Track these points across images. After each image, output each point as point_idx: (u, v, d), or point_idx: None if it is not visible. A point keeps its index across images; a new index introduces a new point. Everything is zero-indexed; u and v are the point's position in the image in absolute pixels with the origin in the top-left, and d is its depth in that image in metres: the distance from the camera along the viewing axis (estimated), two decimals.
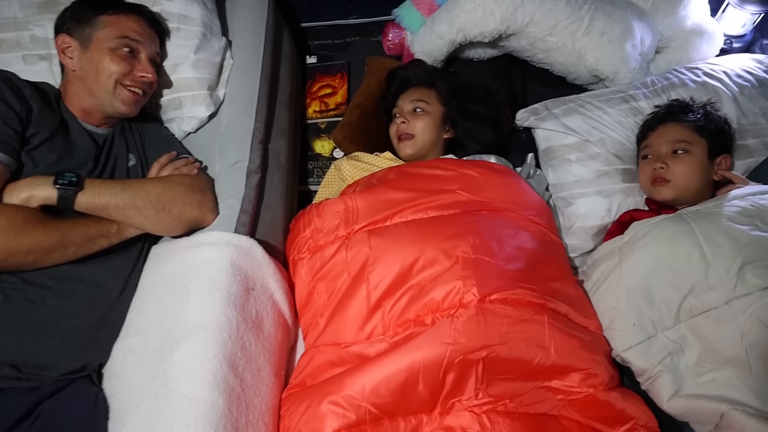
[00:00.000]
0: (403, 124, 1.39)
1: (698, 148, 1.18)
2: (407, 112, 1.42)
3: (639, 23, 1.48)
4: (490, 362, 0.95)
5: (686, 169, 1.17)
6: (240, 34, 1.40)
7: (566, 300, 1.07)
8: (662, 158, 1.20)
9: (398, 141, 1.41)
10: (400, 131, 1.40)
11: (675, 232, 1.04)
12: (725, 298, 0.94)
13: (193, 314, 0.97)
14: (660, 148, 1.22)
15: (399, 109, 1.44)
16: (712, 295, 0.96)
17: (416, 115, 1.40)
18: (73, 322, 0.98)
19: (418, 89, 1.46)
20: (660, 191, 1.20)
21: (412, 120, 1.39)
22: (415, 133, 1.38)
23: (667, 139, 1.21)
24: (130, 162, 1.17)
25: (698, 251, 0.99)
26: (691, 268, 0.99)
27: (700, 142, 1.19)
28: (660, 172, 1.19)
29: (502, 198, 1.21)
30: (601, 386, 0.98)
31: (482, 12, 1.45)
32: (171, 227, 1.08)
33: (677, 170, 1.17)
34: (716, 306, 0.95)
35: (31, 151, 1.00)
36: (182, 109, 1.27)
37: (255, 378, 1.00)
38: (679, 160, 1.18)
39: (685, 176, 1.17)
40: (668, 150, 1.20)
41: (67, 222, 0.97)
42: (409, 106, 1.42)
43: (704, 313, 0.97)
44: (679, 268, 1.00)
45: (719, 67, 1.42)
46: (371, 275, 1.06)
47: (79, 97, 1.11)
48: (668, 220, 1.07)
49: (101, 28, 1.10)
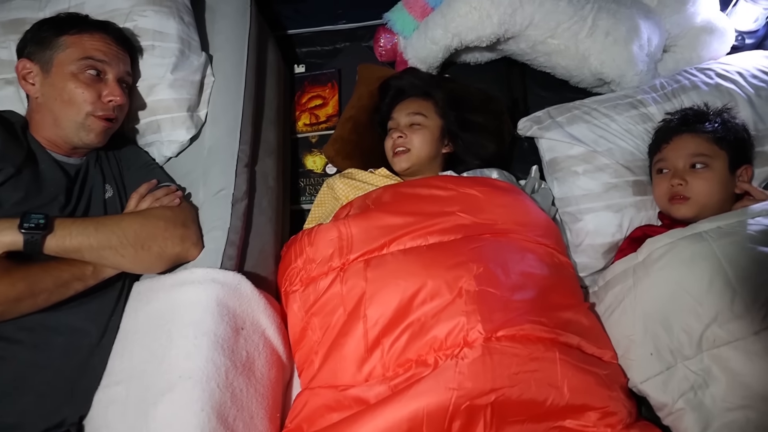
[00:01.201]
0: (399, 138, 1.32)
1: (718, 161, 1.10)
2: (403, 126, 1.34)
3: (645, 22, 1.39)
4: (500, 406, 0.88)
5: (707, 185, 1.09)
6: (221, 48, 1.31)
7: (578, 330, 1.00)
8: (680, 174, 1.12)
9: (393, 155, 1.34)
10: (396, 146, 1.33)
11: (694, 254, 0.96)
12: (754, 329, 0.87)
13: (177, 362, 0.91)
14: (677, 162, 1.13)
15: (395, 123, 1.37)
16: (738, 325, 0.89)
17: (413, 129, 1.33)
18: (47, 377, 0.91)
19: (414, 100, 1.38)
20: (679, 209, 1.12)
21: (408, 134, 1.32)
22: (411, 148, 1.31)
23: (684, 153, 1.13)
24: (107, 194, 1.10)
25: (722, 277, 0.91)
26: (715, 295, 0.91)
27: (720, 155, 1.10)
28: (678, 189, 1.11)
29: (507, 219, 1.13)
30: (620, 425, 0.92)
31: (479, 15, 1.37)
32: (152, 265, 1.01)
33: (697, 187, 1.09)
34: (744, 337, 0.88)
35: None
36: (161, 133, 1.19)
37: (247, 426, 0.94)
38: (699, 176, 1.10)
39: (705, 193, 1.09)
40: (686, 164, 1.12)
41: (35, 268, 0.89)
42: (406, 119, 1.35)
43: (730, 343, 0.90)
44: (700, 294, 0.93)
45: (733, 68, 1.33)
46: (368, 311, 0.99)
47: (44, 126, 1.03)
48: (686, 239, 0.99)
49: (63, 49, 1.02)
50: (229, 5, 1.37)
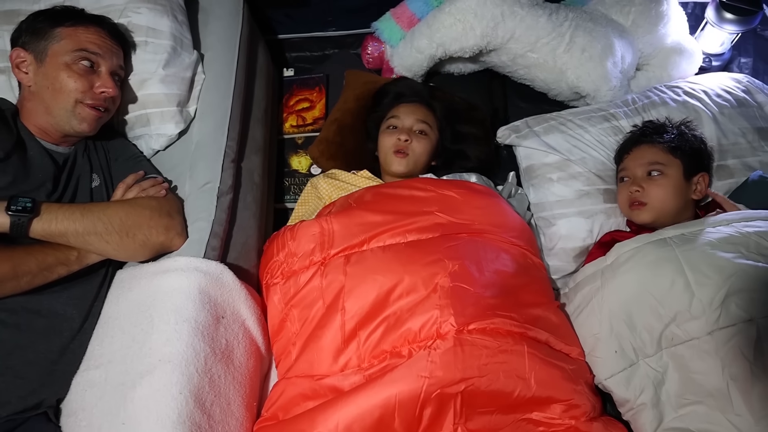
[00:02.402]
0: (406, 141, 1.32)
1: (673, 169, 1.18)
2: (408, 128, 1.35)
3: (619, 41, 1.47)
4: (469, 396, 0.91)
5: (662, 191, 1.16)
6: (212, 48, 1.35)
7: (547, 327, 1.04)
8: (638, 181, 1.19)
9: (394, 153, 1.33)
10: (399, 146, 1.32)
11: (658, 258, 1.02)
12: (708, 329, 0.92)
13: (157, 347, 0.92)
14: (636, 170, 1.21)
15: (399, 121, 1.36)
16: (694, 325, 0.94)
17: (418, 136, 1.35)
18: (27, 357, 0.92)
19: (420, 107, 1.40)
20: (639, 215, 1.19)
21: (413, 139, 1.33)
22: (411, 153, 1.33)
23: (641, 162, 1.20)
24: (93, 183, 1.12)
25: (682, 280, 0.96)
26: (675, 297, 0.97)
27: (674, 163, 1.18)
28: (636, 195, 1.18)
29: (483, 220, 1.18)
30: (583, 417, 0.95)
31: (462, 27, 1.43)
32: (135, 253, 1.03)
33: (653, 193, 1.17)
34: (698, 336, 0.93)
35: None
36: (150, 126, 1.22)
37: (224, 412, 0.95)
38: (655, 183, 1.17)
39: (661, 198, 1.16)
40: (643, 173, 1.19)
41: (20, 250, 0.91)
42: (413, 123, 1.36)
43: (686, 342, 0.95)
44: (662, 295, 0.98)
45: (699, 86, 1.41)
46: (346, 304, 1.02)
47: (35, 114, 1.05)
48: (652, 244, 1.05)
49: (57, 41, 1.04)
50: (222, 7, 1.41)
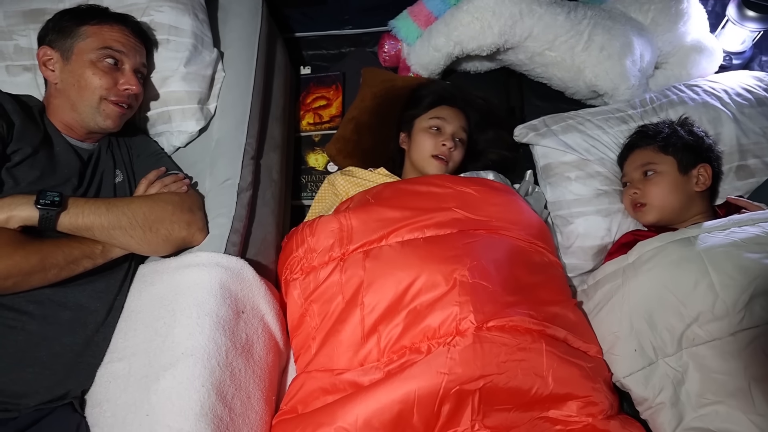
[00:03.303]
0: (451, 149, 1.34)
1: (666, 165, 1.20)
2: (452, 134, 1.36)
3: (638, 39, 1.46)
4: (487, 392, 0.92)
5: (658, 189, 1.19)
6: (232, 46, 1.36)
7: (565, 325, 1.04)
8: (635, 183, 1.23)
9: (434, 158, 1.34)
10: (442, 152, 1.34)
11: (681, 258, 1.01)
12: (731, 330, 0.91)
13: (180, 340, 0.94)
14: (632, 174, 1.25)
15: (445, 124, 1.37)
16: (717, 326, 0.93)
17: (459, 145, 1.38)
18: (54, 348, 0.94)
19: (461, 114, 1.41)
20: (642, 216, 1.22)
21: (456, 148, 1.36)
22: (451, 161, 1.36)
23: (635, 165, 1.25)
24: (117, 178, 1.14)
25: (706, 280, 0.95)
26: (698, 297, 0.96)
27: (666, 160, 1.21)
28: (635, 197, 1.22)
29: (500, 217, 1.18)
30: (601, 415, 0.96)
31: (480, 26, 1.43)
32: (158, 248, 1.04)
33: (650, 192, 1.20)
34: (721, 337, 0.92)
35: (11, 168, 0.96)
36: (171, 123, 1.23)
37: (245, 405, 0.96)
38: (650, 182, 1.21)
39: (658, 196, 1.19)
40: (639, 175, 1.23)
41: (48, 243, 0.93)
42: (457, 129, 1.37)
43: (708, 342, 0.94)
44: (684, 295, 0.97)
45: (719, 85, 1.40)
46: (366, 299, 1.03)
47: (61, 111, 1.08)
48: (675, 243, 1.04)
49: (83, 39, 1.06)
50: (241, 5, 1.42)
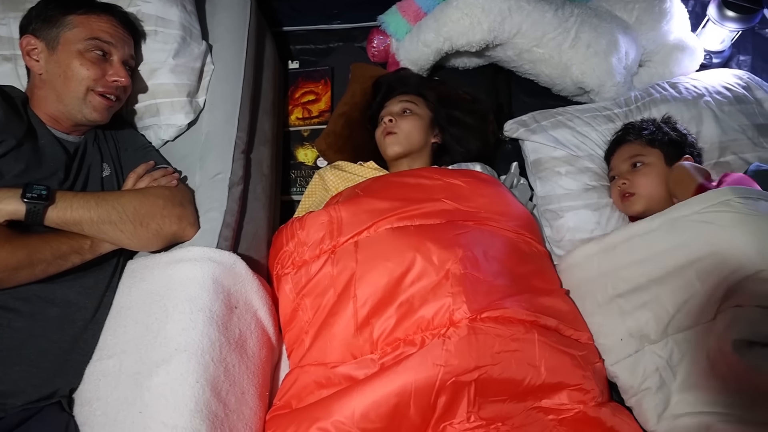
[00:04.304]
0: (390, 122, 1.36)
1: (653, 157, 1.24)
2: (395, 113, 1.39)
3: (624, 37, 1.49)
4: (482, 384, 0.93)
5: (647, 180, 1.23)
6: (221, 38, 1.34)
7: (556, 314, 1.06)
8: (624, 175, 1.26)
9: (384, 137, 1.36)
10: (387, 129, 1.36)
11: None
12: (710, 317, 0.95)
13: (173, 336, 0.92)
14: (621, 167, 1.28)
15: (387, 111, 1.41)
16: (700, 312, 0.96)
17: (404, 116, 1.38)
18: (41, 346, 0.92)
19: (405, 94, 1.44)
20: (630, 206, 1.24)
21: (399, 120, 1.36)
22: (398, 131, 1.35)
23: (624, 158, 1.28)
24: (104, 172, 1.11)
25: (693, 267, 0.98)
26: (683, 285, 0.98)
27: (653, 152, 1.25)
28: (624, 187, 1.25)
29: (489, 208, 1.20)
30: (592, 402, 0.98)
31: (470, 22, 1.44)
32: (149, 242, 1.02)
33: (638, 182, 1.23)
34: (704, 322, 0.96)
35: None
36: (160, 117, 1.21)
37: (239, 401, 0.96)
38: (639, 172, 1.24)
39: (647, 186, 1.22)
40: (627, 167, 1.26)
41: (35, 238, 0.90)
42: (398, 107, 1.40)
43: (691, 329, 0.98)
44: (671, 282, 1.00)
45: (700, 83, 1.44)
46: (358, 291, 1.03)
47: (46, 102, 1.04)
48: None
49: (69, 28, 1.03)
50: None
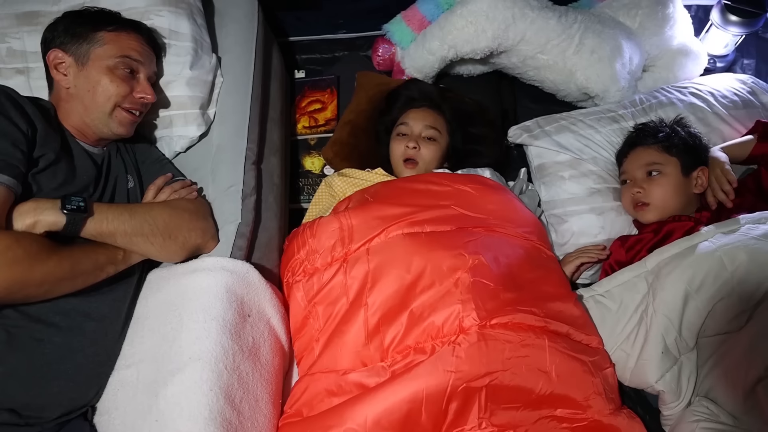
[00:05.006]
0: (413, 149, 1.35)
1: (670, 167, 1.21)
2: (417, 135, 1.38)
3: (627, 42, 1.50)
4: (493, 390, 0.94)
5: (663, 190, 1.20)
6: (230, 51, 1.36)
7: (567, 319, 1.06)
8: (638, 183, 1.23)
9: (404, 162, 1.36)
10: (408, 155, 1.35)
11: (699, 256, 1.00)
12: (741, 324, 0.94)
13: (187, 345, 0.94)
14: (635, 173, 1.25)
15: (408, 129, 1.39)
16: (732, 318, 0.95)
17: (427, 143, 1.37)
18: (78, 360, 0.94)
19: (429, 112, 1.42)
20: (643, 215, 1.22)
21: (422, 146, 1.36)
22: (420, 161, 1.35)
23: (639, 164, 1.24)
24: (129, 183, 1.13)
25: (725, 275, 0.96)
26: (716, 291, 0.96)
27: (671, 161, 1.22)
28: (638, 196, 1.22)
29: (498, 215, 1.21)
30: (606, 411, 0.97)
31: (474, 29, 1.45)
32: (175, 254, 1.05)
33: (654, 192, 1.21)
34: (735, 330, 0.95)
35: (36, 174, 0.93)
36: (172, 128, 1.23)
37: (253, 409, 0.97)
38: (654, 182, 1.21)
39: (662, 197, 1.20)
40: (643, 174, 1.23)
41: (77, 250, 0.91)
42: (422, 129, 1.38)
43: (719, 335, 0.97)
44: (704, 291, 0.97)
45: (705, 87, 1.45)
46: (369, 299, 1.04)
47: (72, 115, 1.05)
48: (692, 246, 1.02)
49: (100, 45, 1.05)
50: (238, 10, 1.42)
